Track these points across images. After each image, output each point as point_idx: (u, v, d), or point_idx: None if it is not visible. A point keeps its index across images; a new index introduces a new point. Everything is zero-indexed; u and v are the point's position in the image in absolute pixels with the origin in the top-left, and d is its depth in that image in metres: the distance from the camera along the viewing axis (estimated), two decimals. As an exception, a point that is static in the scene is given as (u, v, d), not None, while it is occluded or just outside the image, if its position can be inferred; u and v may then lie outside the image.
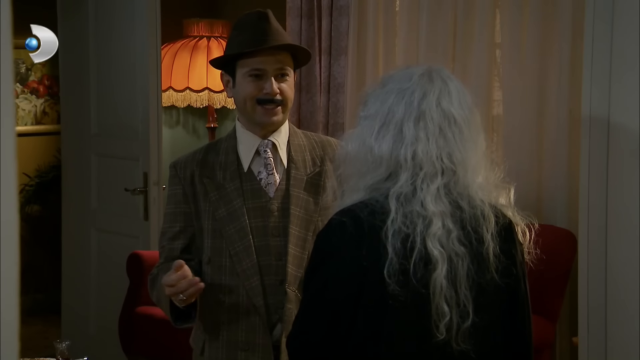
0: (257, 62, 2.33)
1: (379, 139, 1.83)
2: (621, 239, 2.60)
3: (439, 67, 1.92)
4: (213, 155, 2.41)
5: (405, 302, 1.76)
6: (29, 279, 5.93)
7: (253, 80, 2.33)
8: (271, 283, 2.31)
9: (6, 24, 1.08)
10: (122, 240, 4.66)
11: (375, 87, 1.92)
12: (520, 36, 3.96)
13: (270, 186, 2.36)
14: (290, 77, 2.37)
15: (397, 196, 1.78)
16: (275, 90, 2.32)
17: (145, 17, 4.43)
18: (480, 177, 1.85)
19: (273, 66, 2.33)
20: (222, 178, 2.37)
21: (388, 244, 1.75)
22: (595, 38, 2.63)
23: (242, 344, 2.32)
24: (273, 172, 2.37)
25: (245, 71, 2.34)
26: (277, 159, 2.39)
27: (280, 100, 2.34)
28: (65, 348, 2.75)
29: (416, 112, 1.82)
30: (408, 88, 1.84)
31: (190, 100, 5.08)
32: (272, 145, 2.38)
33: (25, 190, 6.08)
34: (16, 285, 1.09)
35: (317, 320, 1.82)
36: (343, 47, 4.49)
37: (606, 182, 2.61)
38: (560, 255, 3.66)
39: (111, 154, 4.78)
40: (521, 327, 1.90)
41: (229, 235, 2.33)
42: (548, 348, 3.67)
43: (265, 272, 2.32)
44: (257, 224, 2.34)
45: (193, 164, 2.41)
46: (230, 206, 2.34)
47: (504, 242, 1.84)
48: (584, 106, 2.68)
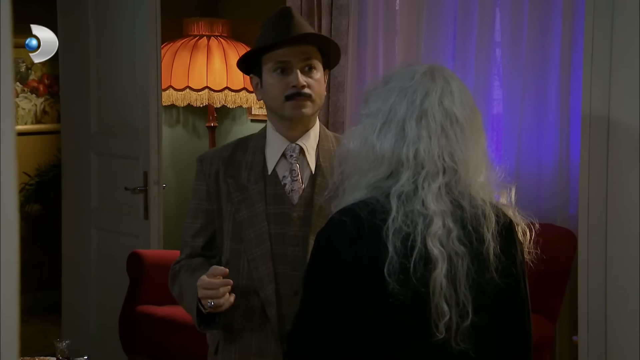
0: (281, 55, 2.25)
1: (380, 137, 1.83)
2: (621, 237, 2.60)
3: (441, 66, 1.92)
4: (240, 154, 2.35)
5: (405, 301, 1.76)
6: (29, 278, 5.93)
7: (279, 75, 2.26)
8: (286, 293, 2.26)
9: (6, 23, 1.08)
10: (122, 239, 4.66)
11: (377, 85, 1.91)
12: (520, 35, 3.96)
13: (294, 192, 2.29)
14: (318, 72, 2.28)
15: (399, 195, 1.78)
16: (301, 81, 2.23)
17: (145, 16, 4.43)
18: (482, 177, 1.85)
19: (298, 57, 2.25)
20: (246, 179, 2.31)
21: (389, 243, 1.75)
22: (595, 36, 2.63)
23: (254, 350, 2.28)
24: (298, 179, 2.30)
25: (270, 66, 2.27)
26: (304, 164, 2.31)
27: (308, 94, 2.25)
28: (65, 347, 2.75)
29: (418, 111, 1.82)
30: (410, 86, 1.84)
31: (190, 99, 5.08)
32: (299, 149, 2.31)
33: (25, 189, 6.08)
34: (16, 284, 1.09)
35: (317, 319, 1.82)
36: (343, 47, 4.49)
37: (606, 180, 2.61)
38: (560, 254, 3.66)
39: (111, 153, 4.78)
40: (521, 327, 1.90)
41: (248, 239, 2.28)
42: (548, 347, 3.68)
43: (281, 282, 2.26)
44: (277, 230, 2.28)
45: (219, 161, 2.35)
46: (252, 209, 2.28)
47: (504, 242, 1.84)
48: (583, 105, 2.68)
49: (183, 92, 5.03)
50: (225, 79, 5.01)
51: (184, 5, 5.41)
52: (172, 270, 2.38)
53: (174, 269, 2.37)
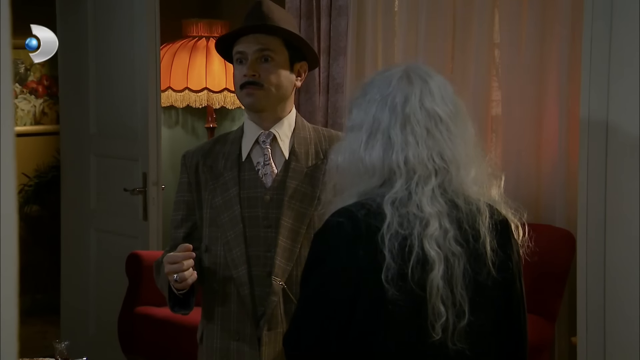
0: (239, 47, 2.35)
1: (368, 149, 1.83)
2: (620, 238, 2.60)
3: (416, 65, 1.90)
4: (220, 146, 2.43)
5: (402, 305, 1.76)
6: (28, 279, 5.92)
7: (238, 66, 2.35)
8: (259, 274, 2.31)
9: (5, 24, 1.08)
10: (121, 240, 4.66)
11: (357, 95, 1.91)
12: (519, 36, 3.96)
13: (267, 177, 2.36)
14: (275, 62, 2.33)
15: (392, 201, 1.78)
16: (250, 71, 2.31)
17: (144, 17, 4.43)
18: (473, 171, 1.84)
19: (252, 48, 2.32)
20: (222, 167, 2.38)
21: (385, 250, 1.74)
22: (594, 38, 2.64)
23: (234, 334, 2.34)
24: (270, 163, 2.36)
25: (234, 58, 2.37)
26: (278, 151, 2.38)
27: (258, 82, 2.31)
28: (64, 348, 2.75)
29: (401, 118, 1.82)
30: (389, 94, 1.84)
31: (189, 101, 5.08)
32: (272, 136, 2.38)
33: (24, 190, 6.08)
34: (15, 286, 1.09)
35: (314, 319, 1.82)
36: (342, 48, 4.49)
37: (605, 182, 2.62)
38: (559, 256, 3.66)
39: (110, 154, 4.78)
40: (517, 326, 1.90)
41: (223, 223, 2.34)
42: (547, 348, 3.68)
43: (254, 263, 2.32)
44: (250, 213, 2.34)
45: (199, 154, 2.43)
46: (226, 194, 2.35)
47: (499, 237, 1.84)
48: (582, 106, 2.68)
49: (182, 93, 5.03)
50: (225, 80, 5.01)
51: (183, 6, 5.41)
52: (155, 262, 2.42)
53: (158, 260, 2.41)
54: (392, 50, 4.39)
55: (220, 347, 2.37)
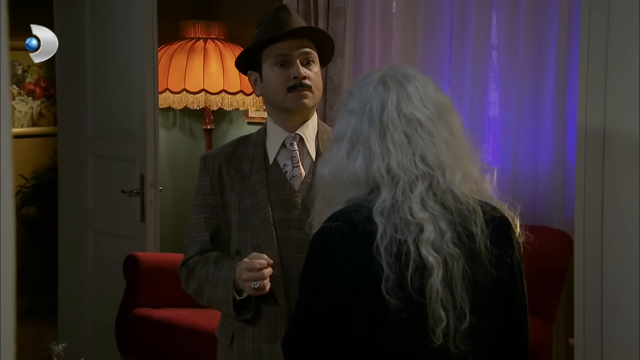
0: (281, 48, 2.34)
1: (351, 161, 1.82)
2: (617, 240, 2.60)
3: (393, 68, 1.89)
4: (242, 148, 2.43)
5: (403, 313, 1.75)
6: (26, 280, 5.92)
7: (279, 69, 2.34)
8: (292, 276, 2.31)
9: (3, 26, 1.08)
10: (118, 242, 4.65)
11: (339, 106, 1.92)
12: (516, 38, 3.97)
13: (296, 179, 2.36)
14: (316, 66, 2.37)
15: (381, 211, 1.77)
16: (302, 73, 2.32)
17: (142, 19, 4.43)
18: (460, 173, 1.82)
19: (297, 50, 2.33)
20: (248, 170, 2.38)
21: (382, 261, 1.73)
22: (591, 40, 2.64)
23: (266, 336, 2.34)
24: (298, 165, 2.37)
25: (270, 61, 2.35)
26: (305, 152, 2.39)
27: (309, 85, 2.33)
28: (61, 350, 2.75)
29: (379, 126, 1.81)
30: (367, 103, 1.84)
31: (186, 102, 5.08)
32: (299, 138, 2.38)
33: (21, 192, 6.08)
34: (12, 287, 1.09)
35: (312, 323, 1.82)
36: (340, 49, 4.49)
37: (602, 183, 2.62)
38: (556, 257, 3.66)
39: (108, 156, 4.78)
40: (518, 327, 1.89)
41: (253, 226, 2.34)
42: (544, 350, 3.68)
43: (287, 265, 2.33)
44: (280, 216, 2.35)
45: (222, 157, 2.42)
46: (255, 197, 2.35)
47: (493, 234, 1.83)
48: (579, 108, 2.68)
49: (180, 95, 5.03)
50: (222, 82, 5.01)
51: (181, 8, 5.42)
52: (185, 268, 2.42)
53: (188, 265, 2.41)
54: (389, 52, 4.39)
55: (252, 348, 2.36)
